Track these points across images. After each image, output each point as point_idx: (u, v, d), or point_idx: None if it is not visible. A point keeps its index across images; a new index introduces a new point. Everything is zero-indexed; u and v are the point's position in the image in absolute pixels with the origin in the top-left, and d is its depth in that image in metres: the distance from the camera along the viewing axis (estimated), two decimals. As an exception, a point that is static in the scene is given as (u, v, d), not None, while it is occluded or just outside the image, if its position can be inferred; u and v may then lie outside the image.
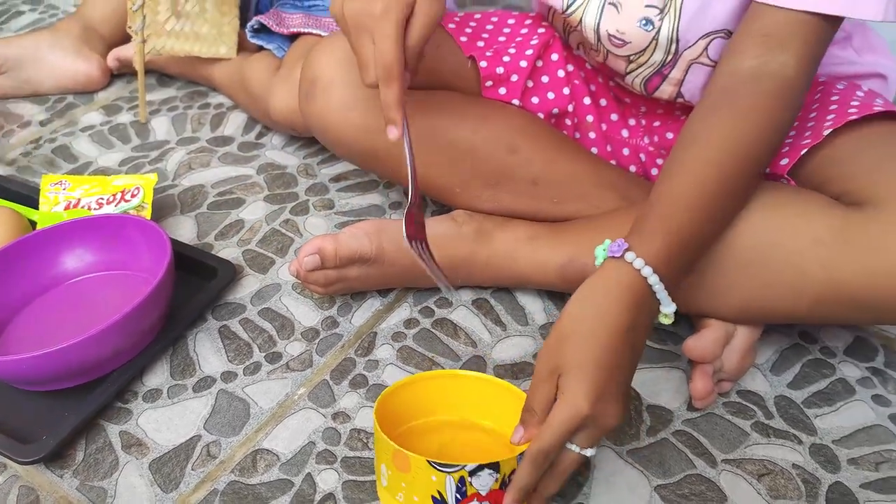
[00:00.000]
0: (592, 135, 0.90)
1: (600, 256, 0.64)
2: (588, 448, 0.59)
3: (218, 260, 0.90)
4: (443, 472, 0.58)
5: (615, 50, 0.78)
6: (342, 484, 0.70)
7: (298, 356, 0.82)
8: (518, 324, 0.85)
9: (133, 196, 0.93)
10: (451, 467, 0.58)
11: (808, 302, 0.68)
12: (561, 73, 0.87)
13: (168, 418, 0.76)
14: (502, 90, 0.85)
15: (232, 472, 0.71)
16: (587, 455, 0.59)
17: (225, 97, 1.21)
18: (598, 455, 0.72)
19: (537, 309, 0.87)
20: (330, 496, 0.69)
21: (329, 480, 0.71)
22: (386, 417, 0.66)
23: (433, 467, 0.58)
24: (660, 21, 0.74)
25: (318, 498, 0.69)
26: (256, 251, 0.94)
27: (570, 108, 0.88)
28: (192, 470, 0.72)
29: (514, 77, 0.85)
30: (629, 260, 0.61)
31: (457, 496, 0.59)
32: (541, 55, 0.86)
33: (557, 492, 0.61)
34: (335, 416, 0.76)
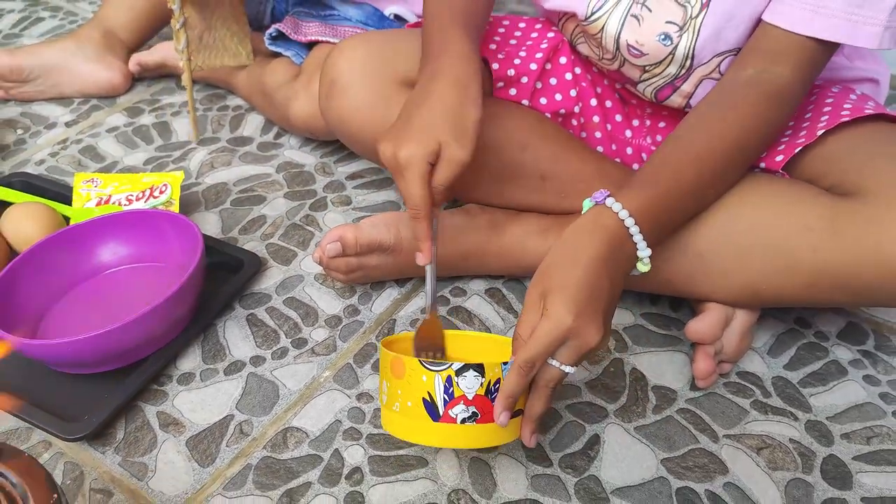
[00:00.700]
0: (598, 134, 0.94)
1: (586, 206, 0.69)
2: (569, 365, 0.63)
3: (244, 252, 0.94)
4: (432, 371, 0.63)
5: (632, 60, 0.83)
6: (368, 458, 0.75)
7: (323, 342, 0.87)
8: (529, 311, 0.90)
9: (161, 192, 0.98)
10: (440, 365, 0.64)
11: (801, 285, 0.73)
12: (569, 76, 0.92)
13: (202, 399, 0.81)
14: (513, 91, 0.90)
15: (264, 448, 0.76)
16: (567, 371, 0.63)
17: (242, 100, 1.26)
18: (607, 431, 0.77)
19: (547, 297, 0.91)
20: (357, 469, 0.74)
21: (356, 455, 0.75)
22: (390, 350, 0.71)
23: (424, 367, 0.64)
24: (678, 38, 0.79)
25: (346, 471, 0.74)
26: (279, 244, 0.99)
27: (577, 109, 0.93)
28: (227, 446, 0.76)
29: (525, 79, 0.90)
30: (609, 205, 0.67)
31: (445, 397, 0.64)
32: (550, 58, 0.91)
33: (543, 413, 0.65)
34: (359, 397, 0.81)
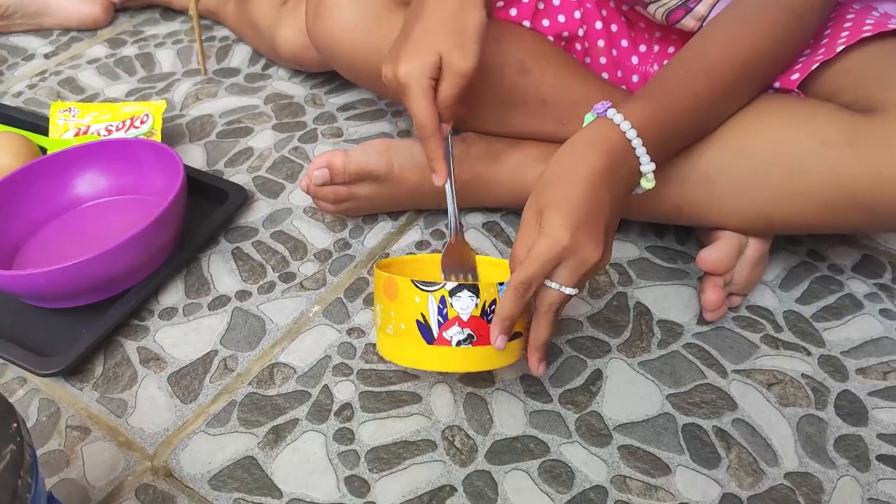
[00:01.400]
0: (603, 60, 0.89)
1: (588, 120, 0.65)
2: (569, 286, 0.59)
3: (229, 184, 0.90)
4: (425, 292, 0.60)
5: None
6: (358, 394, 0.71)
7: (312, 276, 0.82)
8: (529, 245, 0.86)
9: (142, 122, 0.93)
10: (433, 285, 0.60)
11: (817, 205, 0.68)
12: (572, -4, 0.86)
13: (184, 335, 0.77)
14: (513, 11, 0.85)
15: (249, 385, 0.72)
16: (568, 293, 0.59)
17: (230, 31, 1.20)
18: (610, 367, 0.73)
19: (548, 230, 0.87)
20: (347, 405, 0.70)
21: (346, 391, 0.72)
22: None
23: (417, 287, 0.60)
24: None
25: (336, 407, 0.70)
26: (266, 177, 0.94)
27: (581, 33, 0.87)
28: (210, 382, 0.73)
29: (526, -2, 0.84)
30: (610, 116, 0.63)
31: (439, 319, 0.60)
32: (552, -24, 0.86)
33: (548, 339, 0.61)
34: (350, 332, 0.77)
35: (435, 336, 0.61)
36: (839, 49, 0.72)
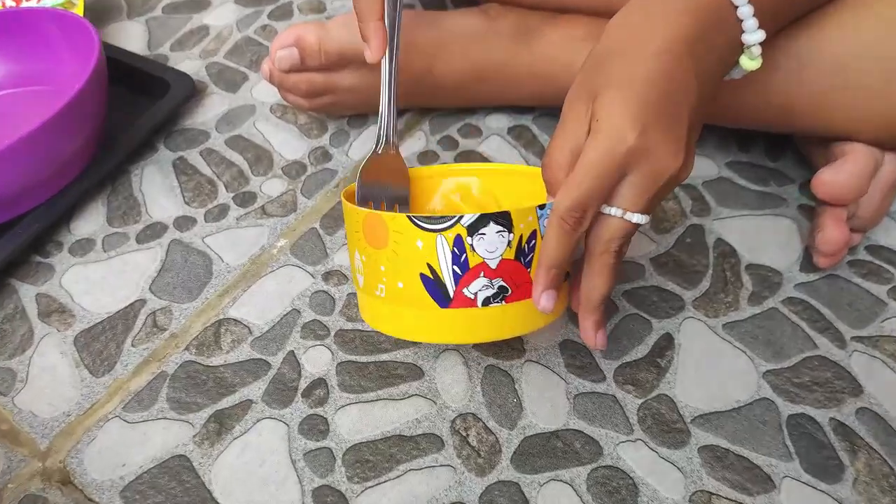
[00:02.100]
0: None
1: None
2: (636, 211, 0.39)
3: (172, 72, 0.68)
4: (431, 232, 0.40)
5: None
6: (336, 366, 0.51)
7: (278, 197, 0.61)
8: (569, 157, 0.64)
9: (58, -12, 0.70)
10: (442, 221, 0.40)
11: None
12: None
13: (102, 277, 0.57)
14: None
15: (186, 350, 0.53)
16: (635, 222, 0.40)
17: None
18: (683, 330, 0.53)
19: (594, 139, 0.65)
20: (320, 382, 0.51)
21: (319, 361, 0.52)
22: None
23: (417, 226, 0.40)
24: None
25: (305, 384, 0.51)
26: (224, 64, 0.72)
27: None
28: (133, 346, 0.53)
29: None
30: None
31: (455, 270, 0.41)
32: None
33: (608, 294, 0.42)
34: (327, 277, 0.56)
35: (451, 295, 0.41)
36: None
